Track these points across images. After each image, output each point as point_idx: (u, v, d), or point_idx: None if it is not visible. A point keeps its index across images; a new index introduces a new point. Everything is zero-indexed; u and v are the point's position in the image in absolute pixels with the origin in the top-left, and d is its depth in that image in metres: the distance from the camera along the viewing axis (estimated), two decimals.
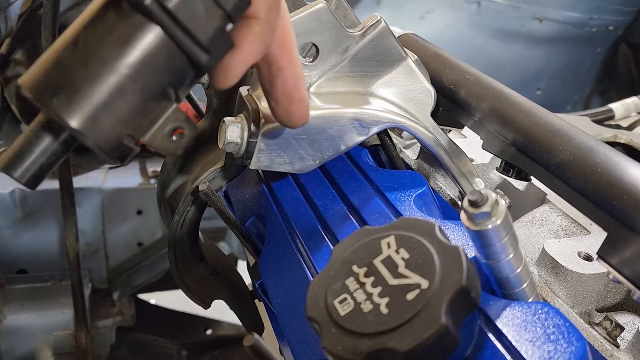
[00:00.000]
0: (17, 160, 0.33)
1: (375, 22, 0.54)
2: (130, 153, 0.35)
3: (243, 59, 0.39)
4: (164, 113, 0.36)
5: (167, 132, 0.36)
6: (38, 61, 0.33)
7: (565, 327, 0.33)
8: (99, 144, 0.33)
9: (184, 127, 0.36)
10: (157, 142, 0.36)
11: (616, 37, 1.65)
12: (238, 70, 0.39)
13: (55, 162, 0.34)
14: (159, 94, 0.34)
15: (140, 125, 0.34)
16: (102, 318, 1.35)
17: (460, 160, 0.59)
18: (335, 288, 0.35)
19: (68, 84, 0.32)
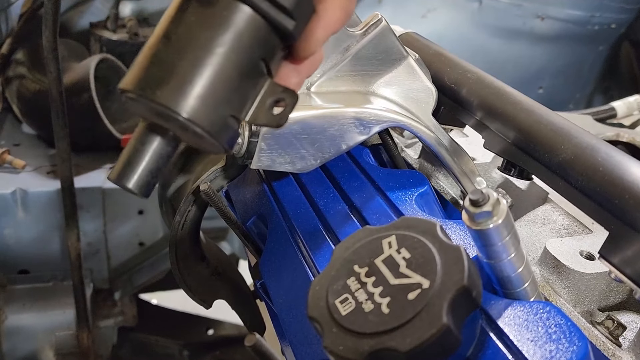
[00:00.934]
0: (128, 170, 0.34)
1: (376, 21, 0.54)
2: (236, 136, 0.36)
3: (325, 26, 0.38)
4: (261, 89, 0.36)
5: (268, 106, 0.36)
6: (135, 62, 0.34)
7: (567, 327, 0.33)
8: (208, 129, 0.33)
9: (284, 97, 0.36)
10: (260, 117, 0.36)
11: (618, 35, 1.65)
12: (321, 38, 0.39)
13: (164, 164, 0.35)
14: (254, 69, 0.35)
15: (241, 104, 0.35)
16: (104, 318, 1.35)
17: (462, 160, 0.59)
18: (337, 288, 0.35)
19: (168, 74, 0.32)
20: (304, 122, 0.51)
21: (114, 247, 1.34)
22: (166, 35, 0.33)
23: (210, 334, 1.54)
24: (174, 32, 0.33)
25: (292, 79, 0.39)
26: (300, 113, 0.50)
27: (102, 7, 1.51)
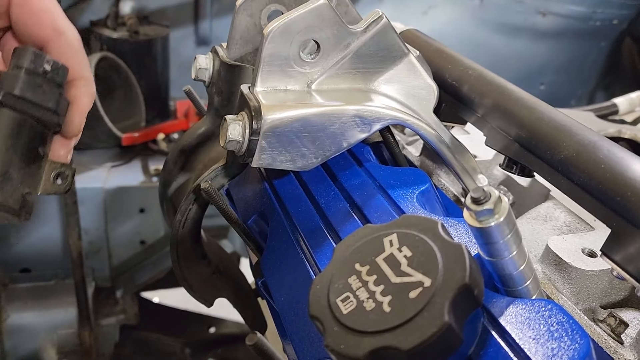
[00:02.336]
0: None
1: (376, 18, 0.53)
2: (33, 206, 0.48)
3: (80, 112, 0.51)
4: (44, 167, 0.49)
5: (53, 179, 0.49)
6: None
7: (569, 325, 0.33)
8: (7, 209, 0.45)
9: (63, 170, 0.50)
10: (48, 189, 0.49)
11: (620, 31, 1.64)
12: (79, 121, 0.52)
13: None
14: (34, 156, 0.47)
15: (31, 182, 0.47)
16: (106, 316, 1.35)
17: (463, 157, 0.59)
18: (338, 286, 0.35)
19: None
20: (305, 120, 0.51)
21: (115, 246, 1.34)
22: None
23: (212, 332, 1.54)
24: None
25: (62, 152, 0.51)
26: (301, 111, 0.50)
27: (103, 5, 1.51)
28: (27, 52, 0.45)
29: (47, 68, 0.46)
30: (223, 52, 0.66)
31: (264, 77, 0.52)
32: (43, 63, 0.46)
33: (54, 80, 0.46)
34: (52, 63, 0.46)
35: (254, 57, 0.65)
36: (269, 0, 0.63)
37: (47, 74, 0.46)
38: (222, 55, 0.66)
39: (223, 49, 0.67)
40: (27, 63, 0.45)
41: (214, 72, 0.66)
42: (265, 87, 0.52)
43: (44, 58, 0.46)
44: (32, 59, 0.45)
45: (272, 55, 0.51)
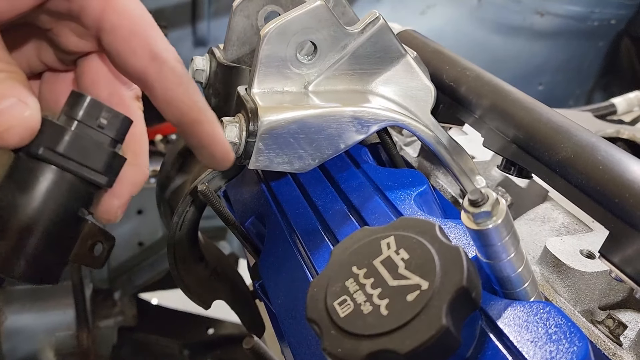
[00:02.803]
0: None
1: (374, 19, 0.53)
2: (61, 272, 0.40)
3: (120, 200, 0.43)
4: (81, 231, 0.41)
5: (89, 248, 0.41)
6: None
7: (567, 327, 0.33)
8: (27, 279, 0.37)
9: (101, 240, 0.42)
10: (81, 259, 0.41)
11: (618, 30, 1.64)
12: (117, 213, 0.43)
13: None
14: (73, 219, 0.39)
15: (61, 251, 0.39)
16: (104, 318, 1.35)
17: (461, 158, 0.58)
18: (335, 289, 0.34)
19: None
20: (302, 121, 0.50)
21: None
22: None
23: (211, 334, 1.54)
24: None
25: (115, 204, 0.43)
26: (298, 112, 0.50)
27: None
28: (82, 100, 0.38)
29: (103, 122, 0.38)
30: (220, 54, 0.66)
31: (260, 78, 0.52)
32: (100, 115, 0.38)
33: (109, 136, 0.39)
34: (110, 116, 0.39)
35: (251, 58, 0.65)
36: (265, 2, 0.63)
37: (103, 128, 0.38)
38: (219, 56, 0.66)
39: (220, 50, 0.67)
40: (79, 115, 0.37)
41: (211, 73, 0.66)
42: (262, 88, 0.52)
43: (101, 110, 0.38)
44: (88, 110, 0.38)
45: (269, 56, 0.51)
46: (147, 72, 0.39)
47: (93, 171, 0.38)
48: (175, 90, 0.40)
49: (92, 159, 0.38)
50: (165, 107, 0.41)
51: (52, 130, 0.36)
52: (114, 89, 0.44)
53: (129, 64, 0.39)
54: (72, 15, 0.39)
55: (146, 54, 0.39)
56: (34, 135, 0.36)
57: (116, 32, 0.39)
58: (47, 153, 0.36)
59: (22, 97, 0.35)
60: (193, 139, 0.42)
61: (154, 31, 0.40)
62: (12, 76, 0.36)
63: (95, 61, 0.43)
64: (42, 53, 0.44)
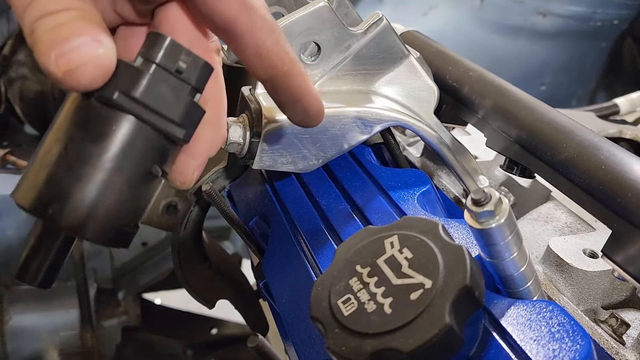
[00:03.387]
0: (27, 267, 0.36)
1: (377, 19, 0.54)
2: (132, 236, 0.37)
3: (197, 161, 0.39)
4: (155, 192, 0.37)
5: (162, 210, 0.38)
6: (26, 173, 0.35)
7: (570, 326, 0.33)
8: (99, 239, 0.34)
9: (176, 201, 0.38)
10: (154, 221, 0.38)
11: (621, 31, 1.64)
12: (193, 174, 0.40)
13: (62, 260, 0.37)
14: (146, 176, 0.35)
15: (134, 211, 0.36)
16: (108, 318, 1.35)
17: (464, 158, 0.59)
18: (339, 288, 0.35)
19: (58, 192, 0.33)
20: None
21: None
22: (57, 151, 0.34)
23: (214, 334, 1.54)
24: (63, 145, 0.34)
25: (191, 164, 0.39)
26: None
27: None
28: (161, 41, 0.34)
29: (182, 66, 0.34)
30: (224, 54, 0.66)
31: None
32: (179, 59, 0.34)
33: (190, 84, 0.35)
34: (190, 60, 0.35)
35: None
36: (269, 3, 0.63)
37: (182, 73, 0.34)
38: (223, 57, 0.66)
39: (224, 51, 0.67)
40: (158, 57, 0.33)
41: None
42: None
43: (181, 53, 0.34)
44: (166, 52, 0.34)
45: None
46: (236, 21, 0.36)
47: (170, 122, 0.34)
48: (267, 40, 0.37)
49: (169, 108, 0.34)
50: (255, 60, 0.37)
51: (127, 73, 0.33)
52: (193, 40, 0.39)
53: (217, 11, 0.35)
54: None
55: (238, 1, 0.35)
56: (107, 77, 0.32)
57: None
58: (121, 98, 0.32)
59: (96, 36, 0.32)
60: (285, 93, 0.39)
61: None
62: (86, 15, 0.33)
63: (174, 10, 0.39)
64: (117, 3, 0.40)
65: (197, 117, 0.36)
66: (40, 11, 0.31)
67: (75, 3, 0.33)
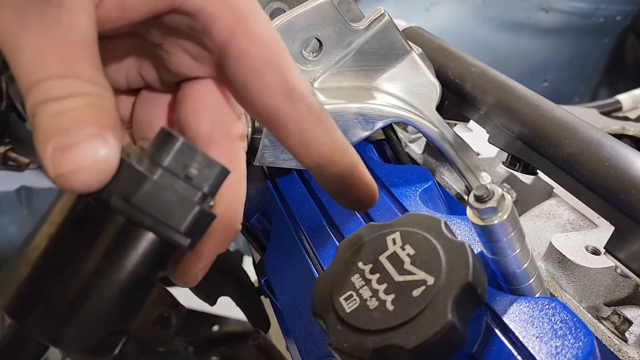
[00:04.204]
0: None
1: (379, 15, 0.53)
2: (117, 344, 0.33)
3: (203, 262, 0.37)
4: (148, 298, 0.32)
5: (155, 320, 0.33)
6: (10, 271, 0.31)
7: (573, 322, 0.33)
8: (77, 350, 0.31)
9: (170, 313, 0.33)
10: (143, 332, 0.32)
11: (624, 27, 1.63)
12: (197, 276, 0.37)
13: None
14: (141, 283, 0.31)
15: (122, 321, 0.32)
16: None
17: (466, 154, 0.58)
18: (341, 285, 0.35)
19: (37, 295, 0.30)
20: None
21: None
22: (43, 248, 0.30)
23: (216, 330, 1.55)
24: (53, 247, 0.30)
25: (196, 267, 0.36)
26: None
27: None
28: (172, 143, 0.30)
29: (194, 173, 0.30)
30: None
31: None
32: (191, 164, 0.30)
33: (200, 190, 0.30)
34: (204, 166, 0.30)
35: None
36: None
37: (192, 180, 0.30)
38: None
39: None
40: (167, 160, 0.29)
41: None
42: None
43: (194, 157, 0.30)
44: (177, 156, 0.30)
45: None
46: (280, 111, 0.33)
47: (174, 231, 0.30)
48: (314, 130, 0.34)
49: (174, 217, 0.30)
50: (300, 149, 0.34)
51: (130, 175, 0.29)
52: (218, 123, 0.36)
53: (259, 100, 0.33)
54: (191, 33, 0.33)
55: (281, 89, 0.32)
56: (106, 181, 0.28)
57: (246, 61, 0.32)
58: (120, 203, 0.29)
59: (102, 131, 0.28)
60: (334, 182, 0.36)
61: (289, 61, 0.33)
62: (97, 101, 0.28)
63: (203, 87, 0.36)
64: (144, 68, 0.37)
65: (206, 224, 0.32)
66: (44, 94, 0.28)
67: (85, 87, 0.28)
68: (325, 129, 0.35)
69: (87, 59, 0.28)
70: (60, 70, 0.28)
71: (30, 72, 0.28)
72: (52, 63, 0.28)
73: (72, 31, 0.28)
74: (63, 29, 0.28)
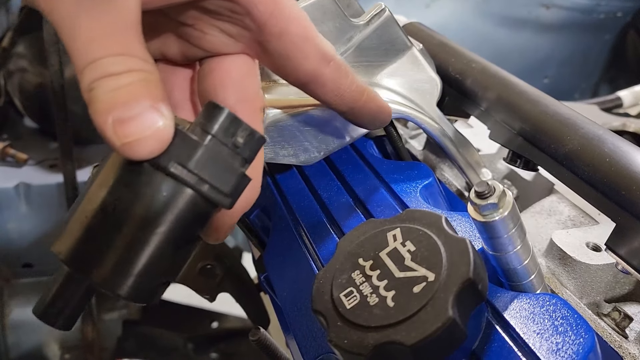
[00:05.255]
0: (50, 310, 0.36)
1: (379, 11, 0.53)
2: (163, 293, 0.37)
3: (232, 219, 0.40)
4: (193, 253, 0.36)
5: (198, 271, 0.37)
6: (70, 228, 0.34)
7: (574, 319, 0.33)
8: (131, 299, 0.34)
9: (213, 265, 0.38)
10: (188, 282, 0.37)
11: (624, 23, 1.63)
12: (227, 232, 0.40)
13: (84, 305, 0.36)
14: (190, 240, 0.35)
15: (171, 273, 0.35)
16: (108, 311, 1.35)
17: (467, 151, 0.58)
18: (341, 281, 0.34)
19: (103, 253, 0.33)
20: (307, 114, 0.50)
21: None
22: (103, 207, 0.33)
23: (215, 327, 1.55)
24: (112, 206, 0.33)
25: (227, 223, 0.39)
26: (303, 105, 0.50)
27: None
28: (220, 114, 0.34)
29: (240, 141, 0.34)
30: None
31: (265, 70, 0.52)
32: (237, 134, 0.34)
33: (242, 156, 0.35)
34: (247, 134, 0.34)
35: None
36: None
37: (238, 148, 0.34)
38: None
39: None
40: (215, 129, 0.33)
41: None
42: (267, 81, 0.52)
43: (239, 127, 0.34)
44: (225, 126, 0.34)
45: None
46: (319, 73, 0.40)
47: (220, 192, 0.34)
48: (345, 83, 0.41)
49: (221, 180, 0.34)
50: (337, 100, 0.42)
51: (184, 143, 0.33)
52: (243, 96, 0.40)
53: (301, 67, 0.39)
54: (232, 16, 0.37)
55: (318, 56, 0.39)
56: (165, 148, 0.32)
57: (287, 37, 0.37)
58: (177, 168, 0.32)
59: (156, 103, 0.31)
60: (364, 116, 0.45)
61: (317, 32, 0.40)
62: (148, 77, 0.31)
63: (228, 62, 0.40)
64: (166, 45, 0.40)
65: (244, 186, 0.36)
66: (102, 71, 0.30)
67: (138, 64, 0.31)
68: (352, 80, 0.42)
69: (137, 38, 0.31)
70: (116, 49, 0.30)
71: (88, 50, 0.30)
72: (108, 43, 0.30)
73: (124, 13, 0.31)
74: (117, 12, 0.30)
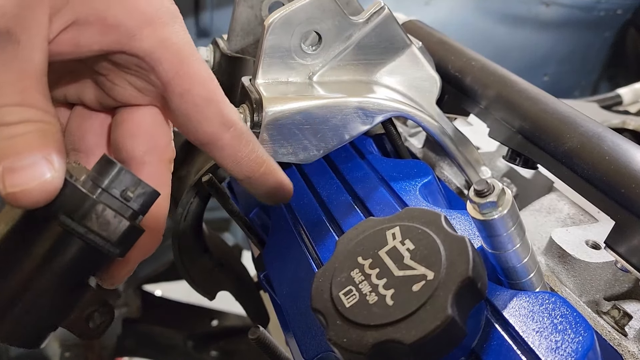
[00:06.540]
0: None
1: (378, 9, 0.53)
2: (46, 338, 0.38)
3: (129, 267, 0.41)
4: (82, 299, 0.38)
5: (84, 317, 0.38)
6: None
7: (573, 317, 0.33)
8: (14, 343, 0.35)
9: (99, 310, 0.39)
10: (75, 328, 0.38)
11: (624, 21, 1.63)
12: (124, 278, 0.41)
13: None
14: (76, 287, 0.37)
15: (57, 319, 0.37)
16: None
17: (466, 149, 0.58)
18: (340, 280, 0.34)
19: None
20: (307, 112, 0.50)
21: None
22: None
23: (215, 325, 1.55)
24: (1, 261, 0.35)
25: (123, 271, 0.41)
26: (302, 103, 0.50)
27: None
28: (112, 169, 0.35)
29: (130, 195, 0.36)
30: (224, 44, 0.66)
31: (265, 69, 0.52)
32: (128, 188, 0.36)
33: (133, 208, 0.36)
34: (138, 189, 0.36)
35: (255, 49, 0.65)
36: None
37: (128, 201, 0.36)
38: (222, 47, 0.65)
39: (224, 41, 0.66)
40: (106, 183, 0.35)
41: (215, 64, 0.66)
42: (267, 79, 0.52)
43: (130, 182, 0.36)
44: (116, 180, 0.35)
45: (273, 47, 0.51)
46: (217, 137, 0.39)
47: (107, 242, 0.35)
48: (244, 150, 0.41)
49: (109, 230, 0.35)
50: (234, 167, 0.42)
51: (73, 194, 0.34)
52: (152, 147, 0.41)
53: (200, 128, 0.39)
54: (138, 71, 0.38)
55: (218, 119, 0.39)
56: (51, 199, 0.33)
57: (189, 98, 0.38)
58: (64, 219, 0.34)
59: (48, 155, 0.32)
60: (261, 188, 0.44)
61: (222, 96, 0.40)
62: (44, 127, 0.32)
63: (140, 113, 0.41)
64: (84, 91, 0.42)
65: (136, 237, 0.37)
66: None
67: (36, 114, 0.32)
68: (252, 149, 0.42)
69: (39, 89, 0.32)
70: (14, 99, 0.31)
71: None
72: (7, 92, 0.31)
73: (27, 65, 0.32)
74: (19, 63, 0.31)
